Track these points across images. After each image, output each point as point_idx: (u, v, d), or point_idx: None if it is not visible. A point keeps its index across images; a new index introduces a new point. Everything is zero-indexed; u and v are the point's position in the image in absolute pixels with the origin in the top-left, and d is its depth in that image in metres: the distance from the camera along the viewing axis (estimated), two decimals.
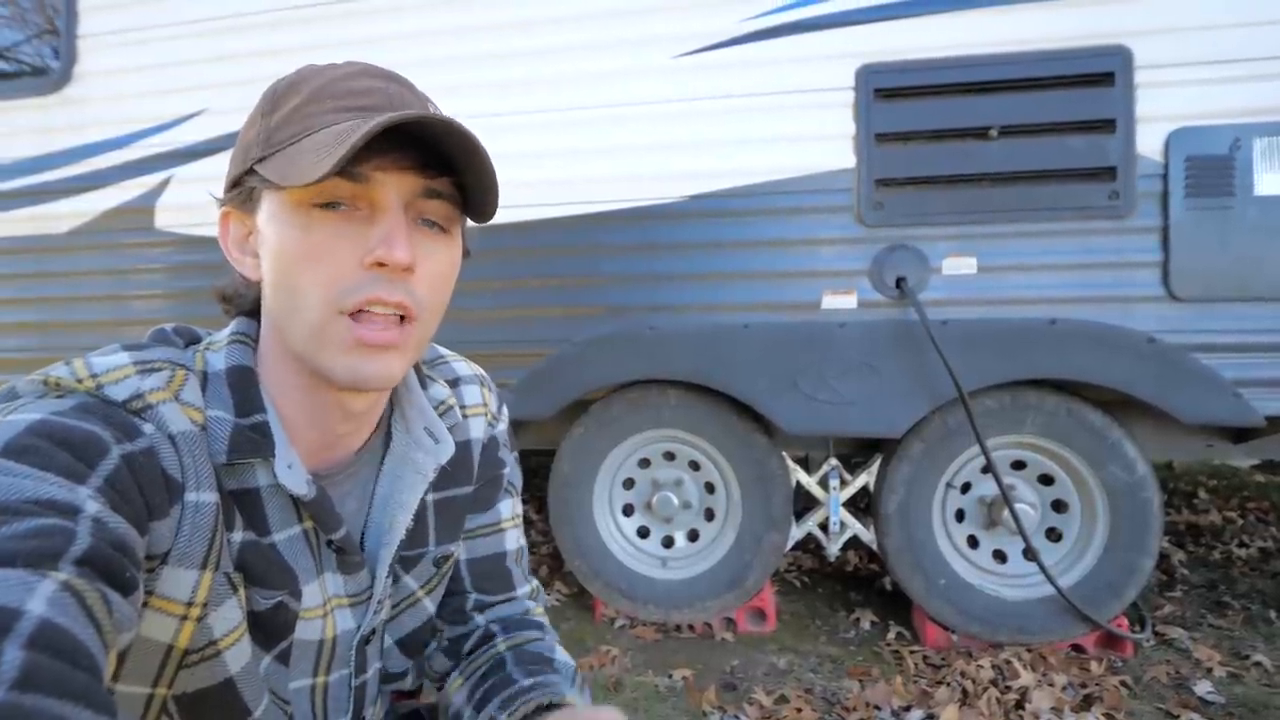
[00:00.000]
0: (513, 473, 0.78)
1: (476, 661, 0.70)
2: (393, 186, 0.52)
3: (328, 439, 0.60)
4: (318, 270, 0.51)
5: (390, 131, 0.49)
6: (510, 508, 0.77)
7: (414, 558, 0.68)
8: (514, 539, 0.77)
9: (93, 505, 0.42)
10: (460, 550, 0.73)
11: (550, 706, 0.61)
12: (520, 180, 2.22)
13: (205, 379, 0.55)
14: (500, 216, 2.47)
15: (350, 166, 0.49)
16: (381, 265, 0.51)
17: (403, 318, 0.54)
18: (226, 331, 0.59)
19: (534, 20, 2.22)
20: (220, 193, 0.59)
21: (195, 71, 2.42)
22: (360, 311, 0.52)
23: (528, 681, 0.64)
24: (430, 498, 0.68)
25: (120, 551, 0.42)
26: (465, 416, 0.72)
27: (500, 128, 2.23)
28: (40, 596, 0.35)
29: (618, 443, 2.33)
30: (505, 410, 0.78)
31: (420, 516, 0.67)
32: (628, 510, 2.43)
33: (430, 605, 0.71)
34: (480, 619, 0.74)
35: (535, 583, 0.80)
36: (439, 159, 0.52)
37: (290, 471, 0.55)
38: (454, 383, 0.73)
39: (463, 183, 0.54)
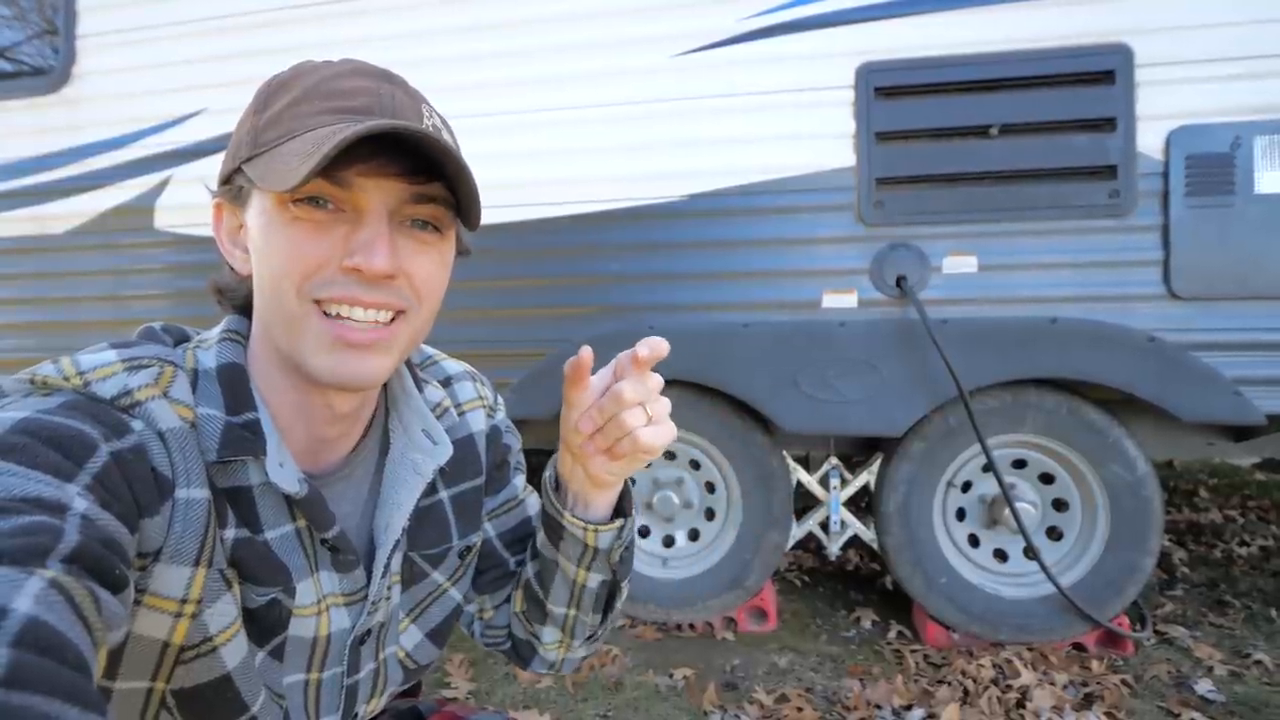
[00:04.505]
0: (519, 452, 0.81)
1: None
2: (376, 192, 0.52)
3: (317, 442, 0.60)
4: (295, 263, 0.51)
5: (377, 136, 0.48)
6: (523, 480, 0.81)
7: (439, 554, 0.69)
8: (534, 503, 0.80)
9: (81, 503, 0.41)
10: (488, 529, 0.76)
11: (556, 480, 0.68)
12: (520, 179, 2.22)
13: (195, 376, 0.55)
14: (500, 216, 2.47)
15: (334, 171, 0.49)
16: (358, 271, 0.51)
17: (392, 316, 0.54)
18: (218, 329, 0.59)
19: (533, 19, 2.22)
20: (215, 185, 0.59)
21: (194, 71, 2.42)
22: (338, 313, 0.52)
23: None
24: (445, 495, 0.69)
25: (109, 549, 0.41)
26: (463, 414, 0.73)
27: (499, 127, 2.23)
28: (27, 594, 0.35)
29: None
30: (500, 399, 0.80)
31: (439, 514, 0.69)
32: None
33: (456, 594, 0.73)
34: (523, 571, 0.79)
35: None
36: (428, 163, 0.52)
37: (282, 470, 0.54)
38: (446, 382, 0.74)
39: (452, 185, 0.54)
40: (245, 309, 0.60)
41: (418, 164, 0.52)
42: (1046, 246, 2.00)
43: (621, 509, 0.69)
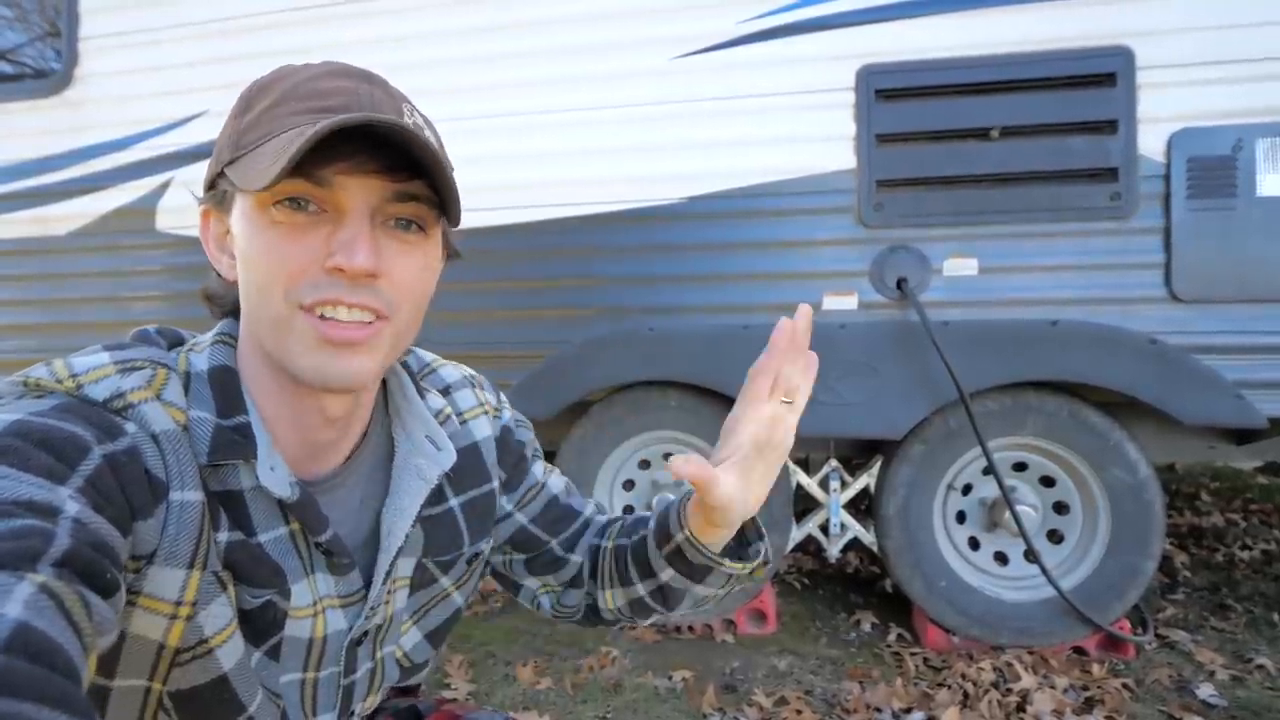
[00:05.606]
0: (534, 443, 0.81)
1: (605, 568, 0.76)
2: (356, 191, 0.51)
3: (310, 447, 0.59)
4: (280, 267, 0.51)
5: (356, 134, 0.48)
6: (543, 466, 0.80)
7: (450, 560, 0.69)
8: (557, 483, 0.80)
9: (73, 506, 0.41)
10: (519, 518, 0.76)
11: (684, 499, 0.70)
12: (520, 181, 2.22)
13: (188, 379, 0.55)
14: (500, 217, 2.47)
15: (313, 170, 0.49)
16: (341, 270, 0.51)
17: (374, 317, 0.53)
18: (211, 333, 0.59)
19: (534, 22, 2.22)
20: (201, 192, 0.59)
21: (196, 73, 2.42)
22: (322, 314, 0.51)
23: (648, 518, 0.74)
24: (455, 502, 0.69)
25: (101, 553, 0.41)
26: (464, 422, 0.72)
27: (500, 129, 2.23)
28: (17, 599, 0.34)
29: (618, 444, 2.33)
30: (504, 397, 0.79)
31: (451, 521, 0.68)
32: (628, 512, 2.43)
33: (459, 599, 0.73)
34: (575, 556, 0.78)
35: (593, 500, 0.83)
36: (410, 161, 0.51)
37: (273, 474, 0.54)
38: (446, 391, 0.73)
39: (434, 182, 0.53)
40: (235, 314, 0.60)
41: (398, 161, 0.51)
42: (1047, 249, 2.00)
43: (747, 537, 0.75)
